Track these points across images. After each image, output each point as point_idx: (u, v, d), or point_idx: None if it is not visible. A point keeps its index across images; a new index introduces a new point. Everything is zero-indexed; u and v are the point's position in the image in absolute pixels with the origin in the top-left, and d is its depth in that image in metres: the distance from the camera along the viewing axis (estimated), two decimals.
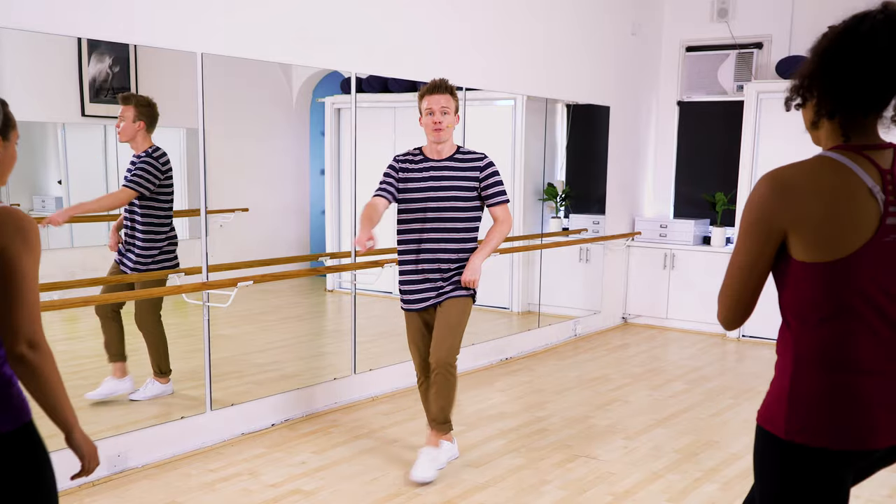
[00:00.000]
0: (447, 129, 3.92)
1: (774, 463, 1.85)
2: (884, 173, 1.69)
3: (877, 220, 1.67)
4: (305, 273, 5.72)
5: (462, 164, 3.97)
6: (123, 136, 4.43)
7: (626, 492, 3.85)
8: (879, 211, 1.67)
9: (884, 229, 1.68)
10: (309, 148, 6.39)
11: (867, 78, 1.66)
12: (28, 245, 1.84)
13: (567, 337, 7.14)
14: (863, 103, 1.70)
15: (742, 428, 4.79)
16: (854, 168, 1.69)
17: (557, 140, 7.27)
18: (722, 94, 7.56)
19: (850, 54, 1.68)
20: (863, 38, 1.67)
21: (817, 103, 1.74)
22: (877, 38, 1.65)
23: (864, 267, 1.69)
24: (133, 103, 4.40)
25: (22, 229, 1.84)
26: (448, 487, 3.87)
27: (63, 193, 4.61)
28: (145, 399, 4.56)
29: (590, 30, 6.97)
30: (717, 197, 7.30)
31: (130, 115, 4.39)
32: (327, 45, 4.84)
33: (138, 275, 4.54)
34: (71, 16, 3.65)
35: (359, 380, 5.23)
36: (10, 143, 1.99)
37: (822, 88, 1.72)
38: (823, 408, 1.76)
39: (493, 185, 3.97)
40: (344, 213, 6.11)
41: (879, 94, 1.68)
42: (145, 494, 3.73)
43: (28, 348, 1.84)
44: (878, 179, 1.69)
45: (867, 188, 1.67)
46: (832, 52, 1.71)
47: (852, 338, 1.73)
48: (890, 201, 1.68)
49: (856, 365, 1.73)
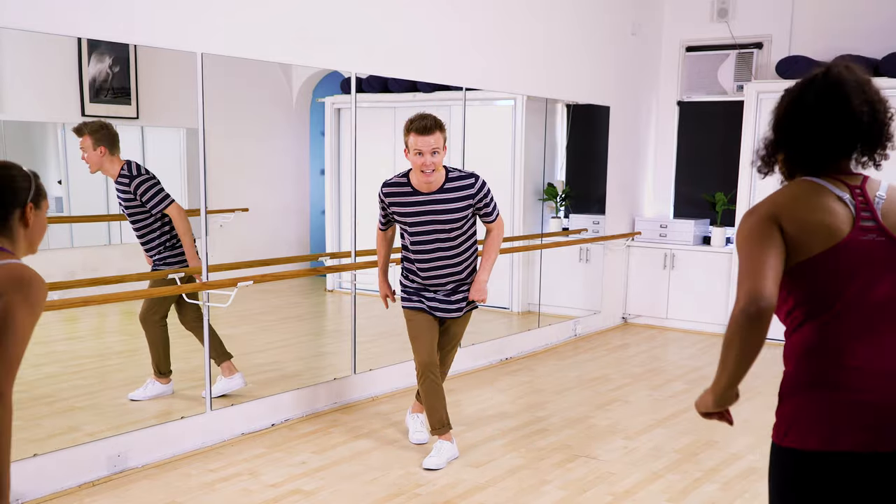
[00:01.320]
0: (438, 170, 3.90)
1: (772, 469, 1.86)
2: (852, 188, 1.84)
3: (851, 221, 1.80)
4: (305, 273, 5.72)
5: (454, 193, 3.95)
6: (92, 167, 4.38)
7: (626, 492, 3.85)
8: (852, 214, 1.81)
9: (859, 229, 1.79)
10: (309, 148, 6.39)
11: (820, 142, 1.84)
12: (29, 302, 1.89)
13: (567, 337, 7.14)
14: (822, 161, 1.86)
15: (742, 428, 4.78)
16: (826, 184, 1.84)
17: (557, 140, 7.27)
18: (722, 94, 7.56)
19: (802, 124, 1.84)
20: (810, 108, 1.83)
21: (783, 166, 1.92)
22: (822, 107, 1.81)
23: (844, 261, 1.78)
24: (87, 132, 4.33)
25: (26, 285, 1.89)
26: (448, 487, 3.87)
27: (63, 193, 4.61)
28: (145, 399, 4.56)
29: (590, 30, 6.97)
30: (717, 197, 7.30)
31: (89, 144, 4.34)
32: (327, 45, 4.84)
33: (148, 274, 4.55)
34: (71, 16, 3.65)
35: (359, 380, 5.23)
36: (42, 211, 2.09)
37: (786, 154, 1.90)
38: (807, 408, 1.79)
39: (488, 204, 4.04)
40: (344, 213, 6.11)
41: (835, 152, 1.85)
42: (145, 494, 3.73)
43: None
44: (848, 191, 1.83)
45: (837, 197, 1.82)
46: (786, 121, 1.88)
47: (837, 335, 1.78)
48: (860, 206, 1.82)
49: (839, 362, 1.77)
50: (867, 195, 1.83)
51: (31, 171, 2.06)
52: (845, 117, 1.80)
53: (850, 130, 1.81)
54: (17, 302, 1.87)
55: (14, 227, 2.02)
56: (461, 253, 4.06)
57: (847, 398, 1.75)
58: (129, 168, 4.41)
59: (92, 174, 4.41)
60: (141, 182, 4.42)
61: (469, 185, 3.96)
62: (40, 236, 2.10)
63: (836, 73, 1.82)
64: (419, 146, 3.82)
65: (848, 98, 1.79)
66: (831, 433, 1.75)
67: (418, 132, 3.82)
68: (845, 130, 1.81)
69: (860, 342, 1.76)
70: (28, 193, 2.03)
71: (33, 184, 2.05)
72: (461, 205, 3.94)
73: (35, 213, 2.05)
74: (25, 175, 2.05)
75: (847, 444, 1.75)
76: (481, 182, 3.99)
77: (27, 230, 2.05)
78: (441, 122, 3.88)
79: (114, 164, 4.40)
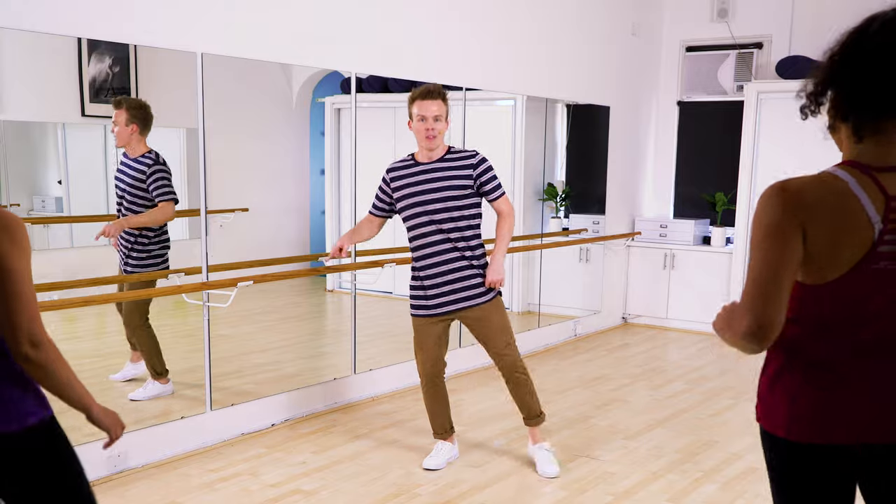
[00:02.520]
0: (439, 136, 3.91)
1: (766, 454, 1.88)
2: (889, 199, 1.66)
3: (868, 247, 1.66)
4: (305, 273, 5.72)
5: (454, 163, 3.95)
6: (119, 141, 4.43)
7: (626, 492, 3.85)
8: (873, 238, 1.65)
9: (873, 256, 1.67)
10: (309, 148, 6.39)
11: (878, 77, 1.64)
12: (16, 244, 1.84)
13: (567, 337, 7.14)
14: (875, 104, 1.66)
15: (742, 428, 4.79)
16: (857, 192, 1.66)
17: (557, 140, 7.27)
18: (722, 94, 7.56)
19: (861, 54, 1.65)
20: (873, 37, 1.64)
21: (831, 106, 1.72)
22: (887, 36, 1.63)
23: (848, 290, 1.69)
24: (124, 107, 4.38)
25: (8, 228, 1.84)
26: (448, 487, 3.87)
27: (63, 193, 4.61)
28: (145, 399, 4.56)
29: (590, 30, 6.97)
30: (717, 197, 7.30)
31: (123, 119, 4.38)
32: (327, 45, 4.84)
33: (134, 276, 4.54)
34: (71, 16, 3.65)
35: (359, 380, 5.23)
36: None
37: (834, 90, 1.70)
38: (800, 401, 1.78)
39: (490, 179, 3.96)
40: (344, 213, 6.11)
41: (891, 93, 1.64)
42: (145, 494, 3.74)
43: (31, 347, 1.86)
44: (881, 207, 1.66)
45: (867, 216, 1.65)
46: (843, 52, 1.69)
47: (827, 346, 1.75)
48: (888, 229, 1.66)
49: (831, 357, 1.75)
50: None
51: None
52: None
53: None
54: (8, 250, 1.83)
55: None
56: (465, 237, 3.95)
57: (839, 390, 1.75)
58: (155, 155, 4.47)
59: (117, 147, 4.47)
60: (160, 170, 4.46)
61: (470, 156, 3.96)
62: None
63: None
64: (422, 111, 3.86)
65: None
66: (825, 427, 1.76)
67: (422, 97, 3.88)
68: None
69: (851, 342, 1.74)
70: None
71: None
72: (462, 173, 3.92)
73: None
74: None
75: (841, 438, 1.76)
76: (482, 157, 3.99)
77: None
78: (444, 93, 3.93)
79: (141, 144, 4.45)
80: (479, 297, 3.97)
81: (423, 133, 3.89)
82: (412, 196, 3.94)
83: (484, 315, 3.99)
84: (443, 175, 3.93)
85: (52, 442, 1.97)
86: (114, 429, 2.09)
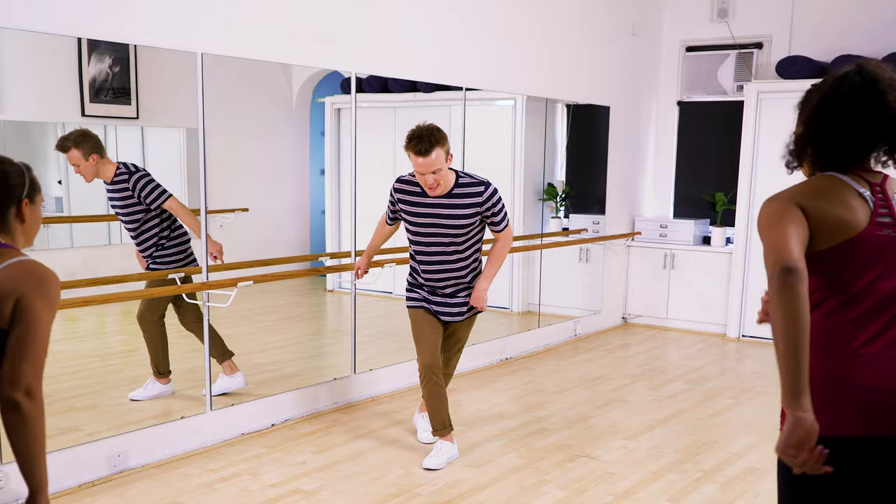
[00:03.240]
0: (442, 182, 3.86)
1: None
2: (872, 185, 1.91)
3: (868, 216, 1.86)
4: (305, 273, 5.72)
5: (461, 199, 3.91)
6: (88, 177, 4.35)
7: (626, 492, 3.85)
8: (870, 209, 1.87)
9: (875, 224, 1.86)
10: (309, 148, 6.39)
11: (852, 137, 1.88)
12: (47, 299, 1.91)
13: (567, 337, 7.14)
14: (850, 157, 1.91)
15: (742, 428, 4.79)
16: (847, 180, 1.90)
17: (557, 140, 7.27)
18: (722, 94, 7.56)
19: (835, 119, 1.88)
20: (844, 103, 1.87)
21: (811, 162, 1.96)
22: (857, 102, 1.85)
23: (860, 253, 1.84)
24: (72, 146, 4.27)
25: (43, 283, 1.92)
26: (448, 487, 3.87)
27: (63, 193, 4.61)
28: (145, 399, 4.56)
29: (590, 30, 6.97)
30: (717, 197, 7.30)
31: (79, 157, 4.28)
32: (327, 45, 4.84)
33: (148, 273, 4.55)
34: (71, 16, 3.65)
35: (359, 380, 5.23)
36: (37, 205, 2.08)
37: (813, 149, 1.94)
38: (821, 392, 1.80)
39: (496, 213, 3.98)
40: (344, 213, 6.11)
41: (864, 148, 1.90)
42: (145, 494, 3.73)
43: (25, 395, 1.87)
44: (868, 188, 1.90)
45: (858, 192, 1.88)
46: (818, 117, 1.91)
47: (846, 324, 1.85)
48: (879, 203, 1.88)
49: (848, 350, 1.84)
50: (886, 192, 1.90)
51: (23, 164, 2.04)
52: (879, 113, 1.85)
53: (882, 126, 1.87)
54: (37, 300, 1.89)
55: (11, 224, 2.02)
56: (464, 259, 4.05)
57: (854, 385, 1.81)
58: (125, 167, 4.44)
59: (88, 183, 4.38)
60: (139, 178, 4.43)
61: (478, 193, 3.91)
62: (36, 229, 2.10)
63: (870, 69, 1.87)
64: (419, 169, 3.82)
65: (884, 95, 1.85)
66: (837, 419, 1.80)
67: (416, 154, 3.78)
68: (877, 126, 1.87)
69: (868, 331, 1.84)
70: (23, 189, 2.02)
71: (27, 178, 2.03)
72: (468, 211, 3.91)
73: (30, 208, 2.05)
74: (19, 170, 2.03)
75: (852, 430, 1.80)
76: (491, 191, 3.93)
77: (24, 225, 2.04)
78: (439, 137, 3.78)
79: (108, 166, 4.40)
80: (461, 315, 4.17)
81: (424, 184, 3.87)
82: (418, 224, 4.00)
83: (457, 329, 4.26)
84: (448, 212, 3.93)
85: None
86: None
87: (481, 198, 3.91)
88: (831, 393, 1.81)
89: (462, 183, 3.93)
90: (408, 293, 4.20)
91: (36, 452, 1.94)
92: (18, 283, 1.89)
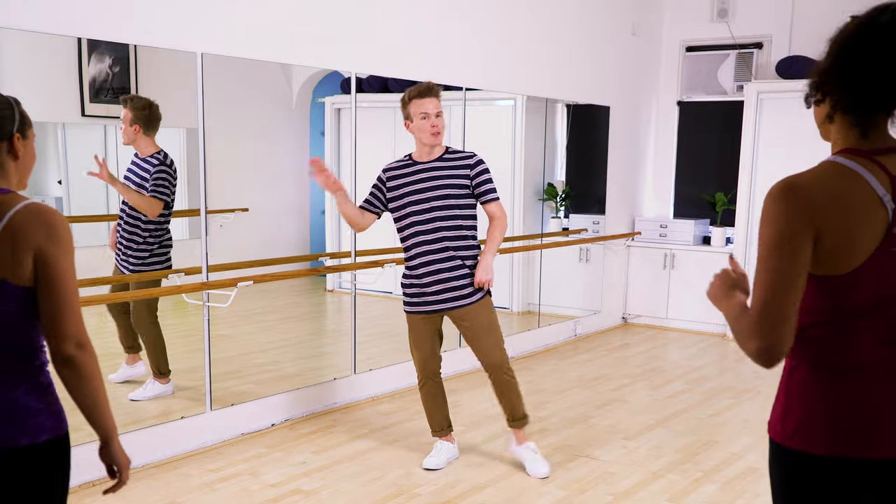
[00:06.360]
0: (443, 131, 3.93)
1: (775, 468, 1.84)
2: (894, 180, 1.64)
3: (883, 230, 1.62)
4: (305, 273, 5.72)
5: (452, 163, 3.95)
6: (125, 139, 4.46)
7: (626, 492, 3.85)
8: (887, 220, 1.62)
9: (890, 239, 1.63)
10: (309, 148, 6.39)
11: (884, 73, 1.61)
12: (62, 245, 1.81)
13: (567, 337, 7.14)
14: (880, 98, 1.64)
15: (742, 428, 4.79)
16: (865, 175, 1.63)
17: (557, 140, 7.27)
18: (722, 94, 7.56)
19: (869, 47, 1.61)
20: (882, 30, 1.61)
21: (834, 97, 1.68)
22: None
23: (868, 278, 1.65)
24: (129, 106, 4.39)
25: (54, 229, 1.81)
26: (448, 487, 3.87)
27: (63, 193, 4.61)
28: (145, 399, 4.56)
29: (590, 30, 6.97)
30: (717, 197, 7.30)
31: (128, 119, 4.40)
32: (327, 45, 4.84)
33: (137, 275, 4.55)
34: (71, 16, 3.65)
35: (359, 380, 5.23)
36: (29, 140, 1.95)
37: (839, 82, 1.66)
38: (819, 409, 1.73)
39: (484, 182, 3.95)
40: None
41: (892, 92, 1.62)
42: (145, 494, 3.73)
43: (77, 348, 1.82)
44: (889, 187, 1.63)
45: (878, 197, 1.62)
46: (850, 44, 1.65)
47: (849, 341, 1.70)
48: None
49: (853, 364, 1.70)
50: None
51: (11, 98, 1.92)
52: None
53: None
54: (55, 251, 1.80)
55: (4, 162, 1.88)
56: (461, 236, 3.94)
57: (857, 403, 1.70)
58: (162, 157, 4.48)
59: (124, 145, 4.48)
60: (163, 170, 4.46)
61: (468, 157, 3.96)
62: (30, 168, 1.97)
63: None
64: (424, 108, 3.86)
65: None
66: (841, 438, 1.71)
67: (420, 95, 3.87)
68: None
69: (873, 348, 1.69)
70: (13, 123, 1.88)
71: (16, 111, 1.90)
72: (459, 173, 3.92)
73: (23, 143, 1.91)
74: (7, 103, 1.89)
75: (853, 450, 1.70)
76: (479, 159, 3.98)
77: (17, 162, 1.91)
78: (438, 89, 3.93)
79: (148, 144, 4.46)
80: (468, 298, 3.97)
81: (427, 130, 3.88)
82: (410, 195, 3.94)
83: (471, 315, 3.98)
84: (441, 174, 3.93)
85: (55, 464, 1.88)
86: (125, 470, 2.01)
87: (471, 161, 3.94)
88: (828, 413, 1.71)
89: (451, 150, 4.01)
90: (405, 297, 4.07)
91: (99, 400, 1.91)
92: (32, 236, 1.78)
